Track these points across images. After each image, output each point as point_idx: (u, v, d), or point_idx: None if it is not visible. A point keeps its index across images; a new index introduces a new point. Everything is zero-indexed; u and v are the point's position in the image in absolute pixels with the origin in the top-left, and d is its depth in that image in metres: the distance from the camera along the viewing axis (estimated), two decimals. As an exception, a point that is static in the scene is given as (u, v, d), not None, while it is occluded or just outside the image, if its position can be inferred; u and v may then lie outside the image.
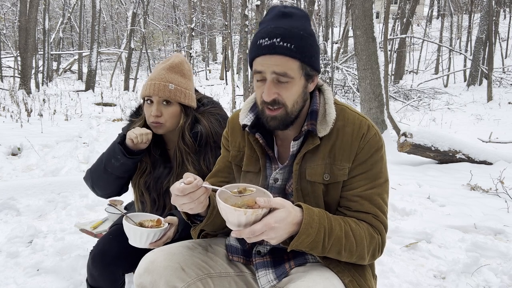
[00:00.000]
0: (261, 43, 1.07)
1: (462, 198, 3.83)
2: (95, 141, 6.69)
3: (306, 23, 1.12)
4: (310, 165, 1.18)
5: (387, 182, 1.20)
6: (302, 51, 1.07)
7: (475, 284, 2.28)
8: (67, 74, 24.57)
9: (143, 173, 1.70)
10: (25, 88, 12.79)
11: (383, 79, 6.77)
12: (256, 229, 0.96)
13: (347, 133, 1.17)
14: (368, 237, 1.12)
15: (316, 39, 1.14)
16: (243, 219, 0.96)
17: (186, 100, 1.63)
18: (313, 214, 1.05)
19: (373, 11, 6.54)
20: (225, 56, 23.69)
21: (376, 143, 1.18)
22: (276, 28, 1.07)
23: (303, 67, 1.10)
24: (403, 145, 5.28)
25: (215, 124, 1.66)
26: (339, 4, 31.85)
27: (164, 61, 1.68)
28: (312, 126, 1.17)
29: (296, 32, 1.07)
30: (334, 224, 1.08)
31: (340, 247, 1.08)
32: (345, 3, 22.77)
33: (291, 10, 1.11)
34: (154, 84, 1.58)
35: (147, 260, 1.19)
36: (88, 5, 28.88)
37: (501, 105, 12.14)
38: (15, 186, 3.65)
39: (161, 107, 1.60)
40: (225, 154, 1.39)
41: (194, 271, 1.20)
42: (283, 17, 1.10)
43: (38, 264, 2.39)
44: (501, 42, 20.74)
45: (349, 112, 1.22)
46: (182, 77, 1.64)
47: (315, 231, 1.03)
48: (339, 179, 1.17)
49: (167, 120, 1.61)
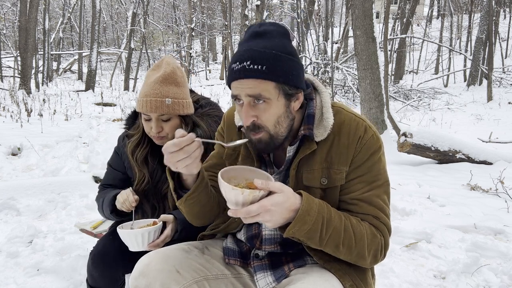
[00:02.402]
0: (233, 68, 1.06)
1: (462, 198, 3.83)
2: (95, 141, 6.69)
3: (282, 40, 1.07)
4: (307, 170, 1.16)
5: (386, 184, 1.18)
6: (275, 71, 1.03)
7: (475, 284, 2.28)
8: (67, 74, 24.56)
9: (141, 183, 1.69)
10: (25, 88, 12.79)
11: (383, 79, 6.77)
12: (252, 209, 0.96)
13: (344, 135, 1.15)
14: (369, 236, 1.10)
15: (295, 55, 1.09)
16: (240, 198, 0.96)
17: (184, 111, 1.58)
18: (312, 203, 1.04)
19: (373, 11, 6.54)
20: (225, 56, 23.69)
21: (373, 145, 1.15)
22: (247, 50, 1.04)
23: (280, 87, 1.06)
24: (403, 145, 5.28)
25: (214, 128, 1.64)
26: (339, 4, 31.84)
27: (154, 67, 1.60)
28: (309, 131, 1.14)
29: (268, 52, 1.03)
30: (334, 216, 1.07)
31: (338, 240, 1.06)
32: (345, 3, 22.77)
33: (265, 29, 1.07)
34: (150, 101, 1.50)
35: (142, 263, 1.18)
36: (88, 5, 28.87)
37: (501, 105, 12.14)
38: (15, 186, 3.65)
39: (161, 123, 1.56)
40: (220, 150, 1.36)
41: (190, 273, 1.19)
42: (256, 37, 1.06)
43: (38, 264, 2.39)
44: (501, 42, 20.74)
45: (345, 113, 1.19)
46: (177, 87, 1.55)
47: (312, 220, 1.02)
48: (337, 183, 1.15)
49: (169, 133, 1.58)
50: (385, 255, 1.16)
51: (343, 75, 13.64)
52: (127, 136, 1.73)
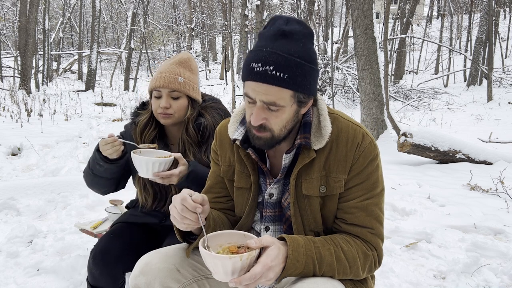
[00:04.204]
0: (253, 68, 1.02)
1: (462, 198, 3.83)
2: (95, 141, 6.69)
3: (307, 44, 1.05)
4: (305, 179, 1.16)
5: (383, 191, 1.19)
6: (296, 80, 1.02)
7: (475, 284, 2.28)
8: (67, 74, 24.56)
9: None
10: (25, 88, 12.79)
11: (383, 79, 6.77)
12: (257, 271, 0.93)
13: (341, 143, 1.14)
14: (361, 257, 1.11)
15: (316, 63, 1.07)
16: (238, 265, 0.91)
17: (193, 94, 1.67)
18: (299, 247, 1.03)
19: (373, 11, 6.54)
20: (225, 56, 23.69)
21: (371, 152, 1.15)
22: (272, 53, 1.01)
23: (296, 95, 1.06)
24: (403, 145, 5.28)
25: (217, 118, 1.71)
26: (339, 4, 31.85)
27: (171, 57, 1.72)
28: (306, 140, 1.13)
29: (293, 60, 1.01)
30: (323, 251, 1.06)
31: (333, 272, 1.07)
32: (345, 3, 22.77)
33: (292, 29, 1.03)
34: (164, 76, 1.61)
35: (142, 262, 1.19)
36: (88, 5, 28.86)
37: (501, 105, 12.14)
38: (15, 186, 3.65)
39: (170, 100, 1.62)
40: (215, 168, 1.35)
41: (190, 272, 1.19)
42: (282, 38, 1.02)
43: (38, 264, 2.39)
44: (501, 42, 20.75)
45: (342, 120, 1.18)
46: (190, 72, 1.68)
47: (302, 265, 1.02)
48: (336, 191, 1.15)
49: (176, 111, 1.64)
50: (380, 264, 1.17)
51: (343, 75, 13.65)
52: (135, 123, 1.75)
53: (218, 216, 1.24)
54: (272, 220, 1.25)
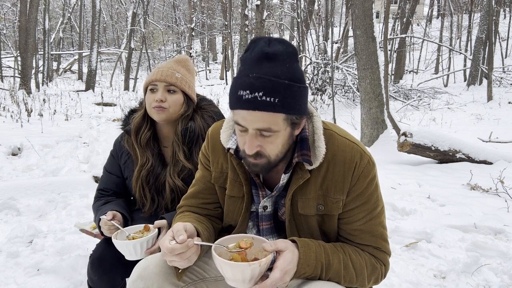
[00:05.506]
0: (241, 96, 0.97)
1: (462, 198, 3.83)
2: (95, 141, 6.69)
3: (292, 64, 1.00)
4: (301, 198, 1.15)
5: (383, 209, 1.19)
6: (287, 103, 0.98)
7: (475, 283, 2.28)
8: (67, 74, 24.56)
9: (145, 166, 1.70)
10: (25, 88, 12.78)
11: (383, 78, 6.76)
12: (277, 277, 0.94)
13: (339, 163, 1.12)
14: (369, 267, 1.13)
15: (304, 81, 1.03)
16: (257, 272, 0.91)
17: (189, 91, 1.69)
18: (310, 251, 1.04)
19: (373, 11, 6.54)
20: (225, 56, 23.68)
21: (370, 172, 1.13)
22: (258, 78, 0.96)
23: (289, 117, 1.02)
24: (403, 145, 5.28)
25: (209, 122, 1.71)
26: (339, 4, 31.83)
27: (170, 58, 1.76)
28: (304, 157, 1.10)
29: (281, 83, 0.97)
30: (332, 258, 1.08)
31: (339, 279, 1.08)
32: (345, 3, 22.76)
33: (275, 50, 0.98)
34: (161, 71, 1.64)
35: (140, 267, 1.18)
36: (88, 5, 28.88)
37: (501, 105, 12.13)
38: (15, 186, 3.65)
39: (166, 93, 1.63)
40: (205, 174, 1.31)
41: (188, 276, 1.19)
42: (266, 60, 0.98)
43: (38, 264, 2.39)
44: (501, 41, 20.75)
45: (339, 138, 1.15)
46: (187, 71, 1.72)
47: (311, 269, 1.04)
48: (334, 212, 1.15)
49: (171, 106, 1.63)
50: (385, 277, 1.19)
51: (343, 75, 13.63)
52: (126, 132, 1.74)
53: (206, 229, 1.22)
54: (270, 232, 1.26)
